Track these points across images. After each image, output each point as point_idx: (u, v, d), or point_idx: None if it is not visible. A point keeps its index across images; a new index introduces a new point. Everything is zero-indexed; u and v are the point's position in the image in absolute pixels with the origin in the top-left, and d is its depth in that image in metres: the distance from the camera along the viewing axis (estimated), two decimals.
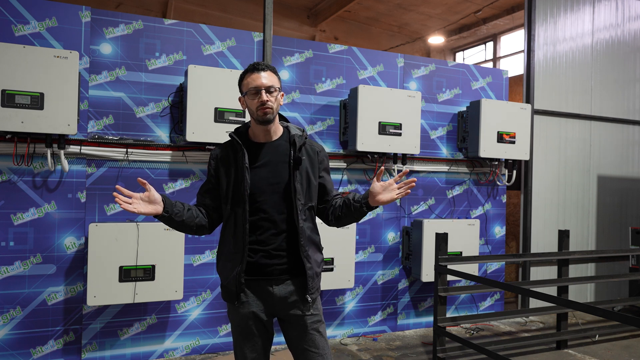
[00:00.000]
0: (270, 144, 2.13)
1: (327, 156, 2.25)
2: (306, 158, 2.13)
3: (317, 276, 2.14)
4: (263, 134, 2.12)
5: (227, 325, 4.14)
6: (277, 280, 2.08)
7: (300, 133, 2.16)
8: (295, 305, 2.09)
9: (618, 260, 5.82)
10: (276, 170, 2.09)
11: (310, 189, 2.12)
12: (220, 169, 2.13)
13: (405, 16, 10.93)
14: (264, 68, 2.07)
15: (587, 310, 2.75)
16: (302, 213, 2.07)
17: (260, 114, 2.04)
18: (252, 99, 2.05)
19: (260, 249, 2.06)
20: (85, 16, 3.68)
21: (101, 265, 3.50)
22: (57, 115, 3.36)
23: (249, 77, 2.07)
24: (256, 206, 2.06)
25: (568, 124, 5.78)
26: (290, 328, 2.14)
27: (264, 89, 2.03)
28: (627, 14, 6.16)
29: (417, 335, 4.74)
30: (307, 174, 2.11)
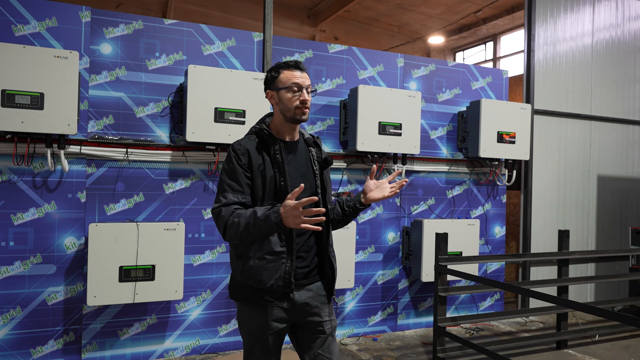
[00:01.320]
0: (294, 143, 2.11)
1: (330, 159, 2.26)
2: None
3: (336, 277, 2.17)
4: (289, 132, 2.08)
5: (227, 325, 4.14)
6: (298, 285, 2.00)
7: (308, 135, 2.17)
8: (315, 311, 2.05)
9: (618, 260, 5.81)
10: (302, 169, 2.07)
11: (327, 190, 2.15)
12: (253, 162, 1.96)
13: (405, 16, 10.93)
14: (305, 68, 2.06)
15: (587, 310, 2.75)
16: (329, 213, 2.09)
17: (299, 112, 2.01)
18: (291, 96, 2.00)
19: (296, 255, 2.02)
20: (85, 16, 3.68)
21: (101, 265, 3.50)
22: (57, 115, 3.36)
23: (289, 72, 2.01)
24: None
25: (568, 124, 5.78)
26: (306, 333, 2.07)
27: (305, 88, 2.01)
28: (627, 14, 6.16)
29: (417, 335, 4.74)
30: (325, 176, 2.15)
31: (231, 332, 4.15)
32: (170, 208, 3.95)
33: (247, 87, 3.90)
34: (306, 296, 2.03)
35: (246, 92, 3.89)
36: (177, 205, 3.97)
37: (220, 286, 4.10)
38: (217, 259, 4.09)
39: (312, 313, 2.05)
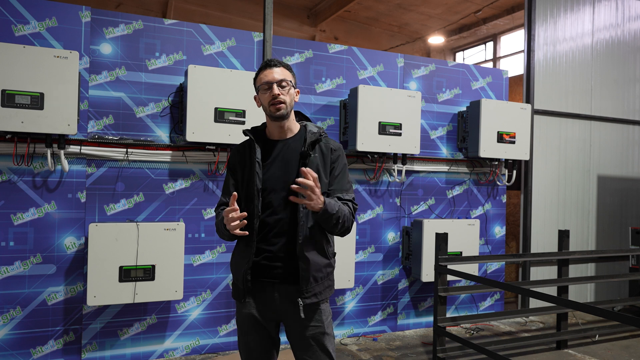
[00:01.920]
0: (284, 141, 2.09)
1: (343, 155, 2.13)
2: (319, 155, 2.06)
3: (317, 281, 2.03)
4: (277, 131, 2.08)
5: (227, 325, 4.14)
6: (277, 285, 2.03)
7: (315, 130, 2.10)
8: (293, 312, 2.02)
9: (618, 260, 5.81)
10: (287, 167, 2.04)
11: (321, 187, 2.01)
12: (237, 165, 2.10)
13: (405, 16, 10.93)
14: (277, 64, 2.05)
15: (587, 310, 2.75)
16: (305, 211, 1.99)
17: (273, 109, 2.01)
18: (264, 94, 2.03)
19: (265, 249, 2.02)
20: (85, 16, 3.68)
21: (101, 265, 3.50)
22: (57, 115, 3.36)
23: (261, 73, 2.05)
24: (266, 203, 2.02)
25: (568, 124, 5.78)
26: (290, 336, 2.09)
27: (275, 83, 2.00)
28: (627, 14, 6.16)
29: (417, 335, 4.74)
30: (316, 172, 2.01)
31: (231, 332, 4.15)
32: (170, 208, 3.95)
33: (247, 87, 3.89)
34: (286, 296, 2.02)
35: (246, 92, 3.89)
36: (177, 205, 3.97)
37: (220, 286, 4.10)
38: (217, 259, 4.09)
39: (291, 316, 2.03)
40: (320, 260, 2.05)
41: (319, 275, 2.04)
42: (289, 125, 2.09)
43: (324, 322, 2.07)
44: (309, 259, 2.00)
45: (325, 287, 2.08)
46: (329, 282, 2.11)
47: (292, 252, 2.01)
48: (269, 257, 2.02)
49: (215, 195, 4.08)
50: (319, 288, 2.04)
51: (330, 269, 2.12)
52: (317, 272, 2.03)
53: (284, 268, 2.02)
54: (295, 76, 2.13)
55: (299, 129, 2.14)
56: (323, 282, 2.07)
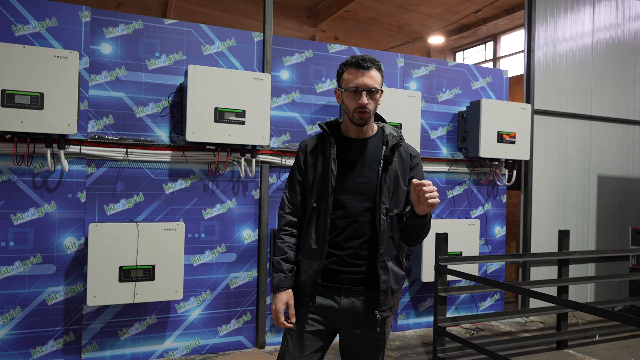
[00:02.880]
0: (361, 141, 1.98)
1: (421, 162, 2.05)
2: (398, 160, 1.96)
3: (393, 293, 1.94)
4: (355, 130, 1.98)
5: (227, 326, 4.14)
6: (346, 290, 1.91)
7: (395, 133, 2.00)
8: (360, 323, 1.93)
9: (618, 260, 5.81)
10: (364, 168, 1.93)
11: (398, 194, 1.94)
12: (309, 160, 1.99)
13: (405, 16, 10.93)
14: (369, 66, 1.89)
15: (587, 310, 2.75)
16: (385, 218, 1.89)
17: (357, 117, 1.91)
18: (351, 98, 1.90)
19: (334, 252, 1.91)
20: (85, 16, 3.68)
21: (101, 265, 3.50)
22: (57, 115, 3.36)
23: (351, 73, 1.91)
24: (338, 203, 1.91)
25: (568, 124, 5.77)
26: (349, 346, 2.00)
27: (365, 91, 1.88)
28: (627, 14, 6.16)
29: (417, 335, 4.73)
30: (395, 177, 1.94)
31: (231, 332, 4.15)
32: (170, 208, 3.95)
33: (247, 87, 3.90)
34: (354, 305, 1.92)
35: (246, 92, 3.89)
36: (177, 205, 3.97)
37: (220, 286, 4.10)
38: (217, 259, 4.09)
39: (357, 325, 1.94)
40: (399, 271, 1.97)
41: (396, 288, 1.96)
42: (368, 127, 2.00)
43: (386, 334, 2.00)
44: (389, 270, 1.91)
45: (398, 300, 2.02)
46: (400, 294, 2.04)
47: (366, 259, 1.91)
48: (337, 262, 1.92)
49: (215, 195, 4.08)
50: (393, 301, 1.97)
51: (403, 282, 2.04)
52: (395, 284, 1.95)
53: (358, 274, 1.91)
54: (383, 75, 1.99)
55: (376, 129, 2.04)
56: (397, 294, 1.99)
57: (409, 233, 1.95)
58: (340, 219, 1.91)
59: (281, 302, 1.92)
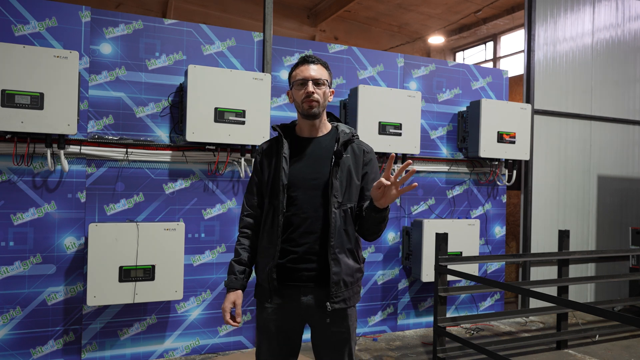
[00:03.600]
0: (314, 139, 2.05)
1: (375, 158, 2.10)
2: (351, 156, 2.01)
3: (347, 286, 1.97)
4: (308, 128, 2.05)
5: (227, 326, 4.14)
6: (304, 288, 1.96)
7: (347, 130, 2.06)
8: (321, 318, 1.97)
9: (618, 260, 5.81)
10: (317, 165, 1.99)
11: (351, 189, 1.99)
12: (264, 161, 2.07)
13: (405, 16, 10.93)
14: (314, 61, 2.01)
15: (587, 310, 2.75)
16: (337, 212, 1.94)
17: (306, 106, 1.97)
18: (299, 90, 1.99)
19: (290, 249, 1.96)
20: (85, 16, 3.68)
21: (101, 265, 3.50)
22: (57, 115, 3.36)
23: (298, 68, 2.03)
24: (291, 201, 1.96)
25: (568, 124, 5.77)
26: (315, 341, 2.05)
27: (311, 81, 1.97)
28: (627, 14, 6.16)
29: (417, 335, 4.74)
30: (348, 172, 1.98)
31: (231, 332, 4.15)
32: (170, 208, 3.95)
33: (247, 87, 3.90)
34: (313, 299, 1.96)
35: (246, 92, 3.89)
36: (177, 205, 3.97)
37: (220, 286, 4.10)
38: (217, 259, 4.09)
39: (316, 319, 1.99)
40: (352, 264, 2.00)
41: (350, 280, 1.99)
42: (320, 124, 2.06)
43: (350, 327, 2.02)
44: (341, 262, 1.95)
45: (354, 293, 2.03)
46: (357, 287, 2.06)
47: (321, 254, 1.95)
48: (294, 259, 1.96)
49: (215, 195, 4.08)
50: (348, 294, 1.99)
51: (360, 274, 2.06)
52: (348, 277, 1.98)
53: (312, 270, 1.96)
54: (332, 74, 2.09)
55: (330, 128, 2.10)
56: (353, 287, 2.01)
57: (369, 227, 1.97)
58: (295, 216, 1.96)
59: (228, 302, 2.01)
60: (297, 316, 2.00)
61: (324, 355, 2.04)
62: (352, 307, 2.04)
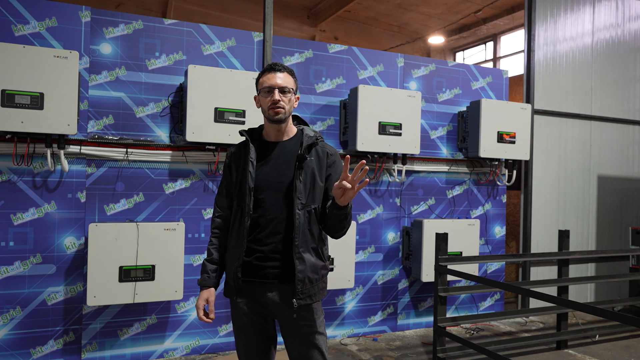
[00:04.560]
0: (280, 143, 2.14)
1: (339, 160, 2.18)
2: (314, 159, 2.10)
3: (312, 282, 2.06)
4: (274, 133, 2.14)
5: (227, 325, 4.14)
6: (270, 285, 2.05)
7: (311, 134, 2.14)
8: (287, 314, 2.05)
9: (618, 260, 5.81)
10: (282, 168, 2.08)
11: (315, 190, 2.08)
12: (232, 165, 2.16)
13: (405, 16, 10.93)
14: (281, 69, 2.09)
15: (587, 310, 2.75)
16: (301, 213, 2.03)
17: (272, 113, 2.06)
18: (265, 97, 2.07)
19: (257, 249, 2.05)
20: (85, 16, 3.68)
21: (101, 265, 3.50)
22: (57, 115, 3.36)
23: (264, 76, 2.09)
24: (258, 203, 2.05)
25: (568, 124, 5.77)
26: (284, 334, 2.13)
27: (277, 89, 2.05)
28: (627, 14, 6.16)
29: (417, 335, 4.74)
30: (312, 175, 2.07)
31: (231, 332, 4.15)
32: (170, 208, 3.95)
33: (247, 87, 3.89)
34: (278, 296, 2.04)
35: (246, 92, 3.89)
36: (177, 205, 3.97)
37: (220, 286, 4.09)
38: None
39: (283, 315, 2.07)
40: (317, 262, 2.08)
41: (314, 277, 2.07)
42: (286, 128, 2.14)
43: (316, 320, 2.10)
44: (305, 260, 2.03)
45: (320, 290, 2.11)
46: (323, 284, 2.14)
47: (286, 253, 2.04)
48: (260, 257, 2.04)
49: (215, 195, 4.07)
50: (313, 290, 2.07)
51: (325, 272, 2.15)
52: (313, 274, 2.06)
53: (278, 268, 2.04)
54: (297, 81, 2.17)
55: (295, 132, 2.18)
56: (318, 284, 2.09)
57: (333, 224, 2.05)
58: (261, 217, 2.05)
59: (202, 299, 2.13)
60: (266, 309, 2.09)
61: (293, 349, 2.11)
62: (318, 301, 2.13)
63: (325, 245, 2.16)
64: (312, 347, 2.09)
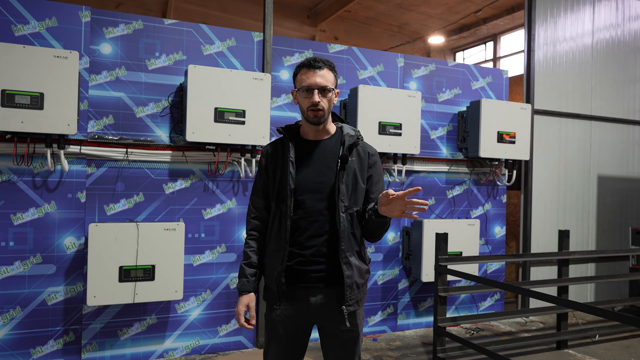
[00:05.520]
0: (319, 142, 2.04)
1: (379, 160, 2.11)
2: (356, 159, 2.01)
3: (359, 287, 2.00)
4: (313, 132, 2.04)
5: (227, 326, 4.14)
6: (314, 289, 1.97)
7: (352, 133, 2.05)
8: (331, 319, 1.98)
9: (618, 260, 5.81)
10: (323, 169, 1.99)
11: (357, 192, 2.00)
12: (269, 164, 2.06)
13: (405, 16, 10.93)
14: (321, 66, 1.96)
15: (587, 310, 2.75)
16: (344, 216, 1.95)
17: (311, 115, 1.96)
18: (304, 97, 1.97)
19: (297, 252, 1.96)
20: (85, 16, 3.68)
21: (101, 265, 3.50)
22: (57, 115, 3.36)
23: (303, 73, 1.97)
24: (298, 204, 1.97)
25: (568, 124, 5.77)
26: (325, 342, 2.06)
27: (317, 89, 1.94)
28: (627, 14, 6.16)
29: (417, 335, 4.74)
30: (354, 176, 1.99)
31: (231, 332, 4.15)
32: (170, 208, 3.95)
33: (247, 87, 3.90)
34: (323, 301, 1.97)
35: (246, 92, 3.89)
36: (177, 205, 3.97)
37: (220, 286, 4.10)
38: (217, 259, 4.09)
39: (330, 319, 1.99)
40: (361, 266, 2.02)
41: (361, 282, 2.02)
42: (325, 127, 2.05)
43: (359, 326, 2.05)
44: (352, 265, 1.96)
45: (364, 294, 2.07)
46: (366, 288, 2.10)
47: (330, 256, 1.96)
48: (302, 262, 1.97)
49: (215, 195, 4.07)
50: (360, 295, 2.02)
51: (367, 275, 2.08)
52: (360, 278, 2.01)
53: (323, 272, 1.97)
54: (337, 75, 2.05)
55: (334, 130, 2.09)
56: (362, 288, 2.04)
57: (370, 230, 2.01)
58: (301, 219, 1.97)
59: (242, 305, 2.01)
60: (306, 317, 2.00)
61: (332, 353, 2.05)
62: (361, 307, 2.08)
63: (365, 248, 2.09)
64: (351, 352, 2.03)
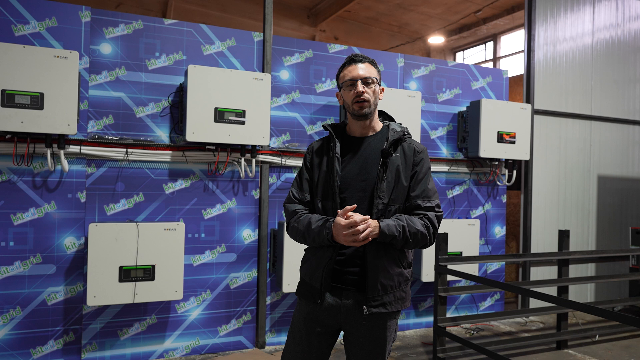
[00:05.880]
0: (365, 139, 2.01)
1: (426, 158, 2.02)
2: (400, 155, 1.95)
3: (386, 290, 1.89)
4: (359, 128, 2.01)
5: (227, 326, 4.13)
6: (347, 292, 1.91)
7: (398, 129, 2.01)
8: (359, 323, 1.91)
9: (618, 260, 5.81)
10: (366, 165, 1.94)
11: (399, 189, 1.92)
12: (315, 160, 2.03)
13: (405, 16, 10.93)
14: (362, 59, 1.97)
15: (587, 310, 2.75)
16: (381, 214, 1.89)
17: (356, 107, 1.93)
18: (348, 91, 1.95)
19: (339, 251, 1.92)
20: (85, 16, 3.68)
21: (101, 265, 3.50)
22: (57, 115, 3.36)
23: (345, 69, 1.99)
24: (342, 201, 1.93)
25: (568, 124, 5.77)
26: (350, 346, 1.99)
27: (360, 80, 1.93)
28: (627, 14, 6.16)
29: (417, 335, 4.73)
30: (397, 173, 1.92)
31: (231, 332, 4.15)
32: (170, 208, 3.95)
33: (247, 87, 3.90)
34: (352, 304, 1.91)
35: (246, 92, 3.89)
36: (177, 205, 3.97)
37: (220, 286, 4.10)
38: (217, 259, 4.09)
39: (354, 323, 1.93)
40: (392, 268, 1.92)
41: (389, 284, 1.91)
42: (371, 124, 2.02)
43: (387, 338, 1.95)
44: (377, 265, 1.88)
45: (397, 299, 1.93)
46: (402, 293, 1.96)
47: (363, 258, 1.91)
48: (341, 261, 1.92)
49: (215, 195, 4.07)
50: (388, 298, 1.91)
51: (402, 279, 1.96)
52: (387, 280, 1.90)
53: (356, 275, 1.91)
54: (381, 72, 2.03)
55: (381, 127, 2.06)
56: (394, 292, 1.92)
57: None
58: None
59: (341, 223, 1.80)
60: (333, 319, 1.95)
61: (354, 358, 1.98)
62: (394, 316, 1.98)
63: (404, 252, 1.98)
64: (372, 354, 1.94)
